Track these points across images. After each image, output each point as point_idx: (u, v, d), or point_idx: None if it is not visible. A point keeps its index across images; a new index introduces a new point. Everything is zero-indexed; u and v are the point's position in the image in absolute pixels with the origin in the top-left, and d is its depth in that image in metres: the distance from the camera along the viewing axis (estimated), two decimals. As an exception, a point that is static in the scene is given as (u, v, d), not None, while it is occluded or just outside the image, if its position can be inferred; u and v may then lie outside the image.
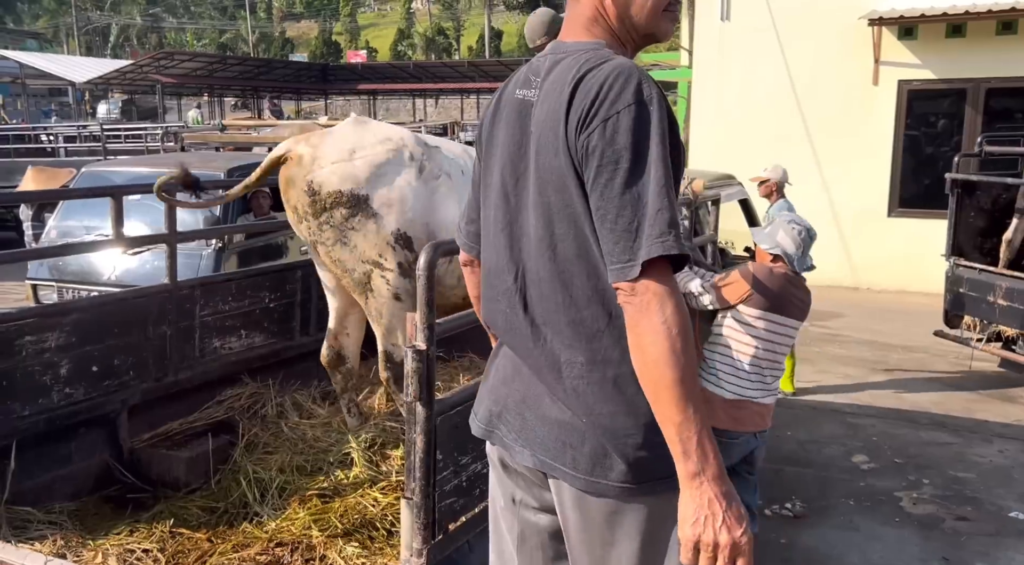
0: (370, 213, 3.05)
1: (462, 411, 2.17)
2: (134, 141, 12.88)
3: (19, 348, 2.87)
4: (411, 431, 2.02)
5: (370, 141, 3.14)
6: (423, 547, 2.05)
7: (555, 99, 1.48)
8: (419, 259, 1.99)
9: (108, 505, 3.14)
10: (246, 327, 3.80)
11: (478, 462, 2.26)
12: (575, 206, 1.45)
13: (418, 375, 1.97)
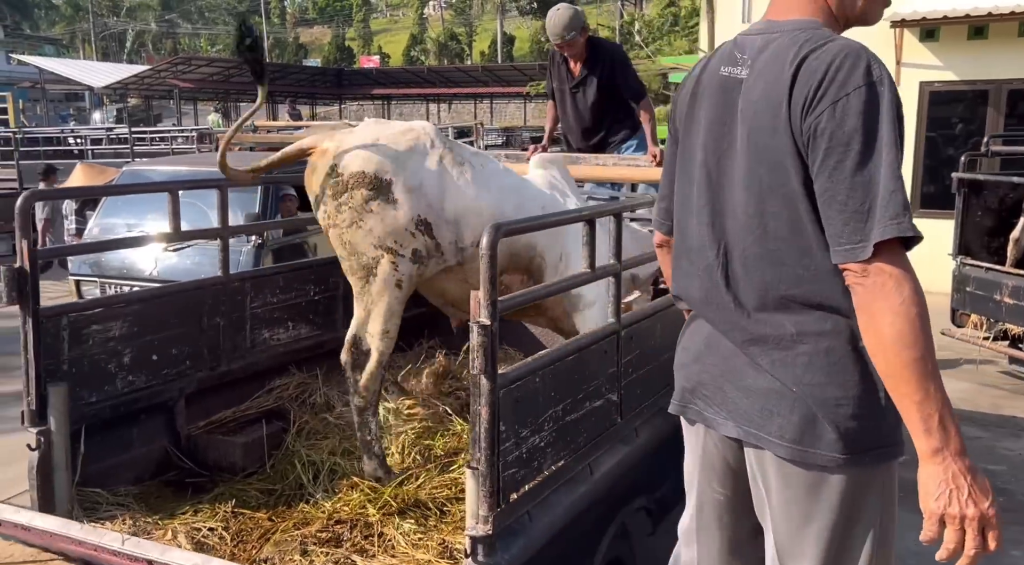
0: (391, 199, 3.03)
1: (522, 385, 2.28)
2: (161, 143, 13.09)
3: (87, 337, 3.00)
4: (476, 403, 2.11)
5: (393, 131, 3.18)
6: (489, 514, 2.14)
7: (773, 79, 1.51)
8: (482, 239, 2.06)
9: (168, 489, 3.26)
10: (293, 319, 3.91)
11: (536, 435, 2.36)
12: (791, 185, 1.50)
13: (483, 349, 2.06)
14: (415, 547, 2.75)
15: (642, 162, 4.41)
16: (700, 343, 1.72)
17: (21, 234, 2.72)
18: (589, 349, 2.62)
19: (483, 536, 2.14)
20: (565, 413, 2.50)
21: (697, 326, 1.75)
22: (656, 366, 3.11)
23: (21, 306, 2.74)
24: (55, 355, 2.88)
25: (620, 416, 2.85)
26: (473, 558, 2.15)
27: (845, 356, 1.50)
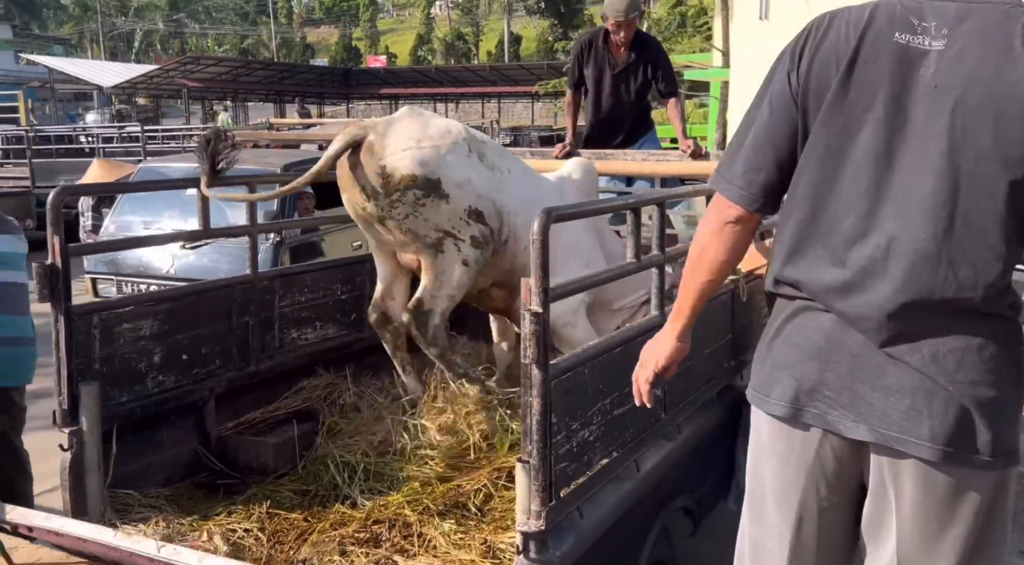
0: (442, 194, 3.22)
1: (572, 376, 2.22)
2: (171, 142, 13.06)
3: (118, 335, 2.95)
4: (527, 394, 2.06)
5: (432, 132, 3.32)
6: (541, 509, 2.08)
7: (993, 54, 1.39)
8: (534, 225, 2.02)
9: (199, 490, 3.21)
10: (320, 318, 3.86)
11: (586, 428, 2.30)
12: (1001, 180, 1.38)
13: (536, 337, 2.00)
14: (457, 547, 2.69)
15: (672, 156, 4.34)
16: (818, 339, 1.59)
17: (53, 230, 2.67)
18: (635, 341, 2.55)
19: (535, 532, 2.09)
20: (613, 407, 2.44)
21: (808, 319, 1.61)
22: (697, 361, 3.05)
23: (53, 304, 2.69)
24: (86, 354, 2.83)
25: (664, 411, 2.78)
26: (525, 555, 2.10)
27: (998, 356, 1.44)
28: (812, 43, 1.60)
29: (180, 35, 71.32)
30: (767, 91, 1.69)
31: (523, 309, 2.05)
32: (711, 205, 1.77)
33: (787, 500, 1.69)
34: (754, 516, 1.80)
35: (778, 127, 1.65)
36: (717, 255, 1.74)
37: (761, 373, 1.73)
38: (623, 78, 4.87)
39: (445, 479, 3.15)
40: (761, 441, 1.76)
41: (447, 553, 2.66)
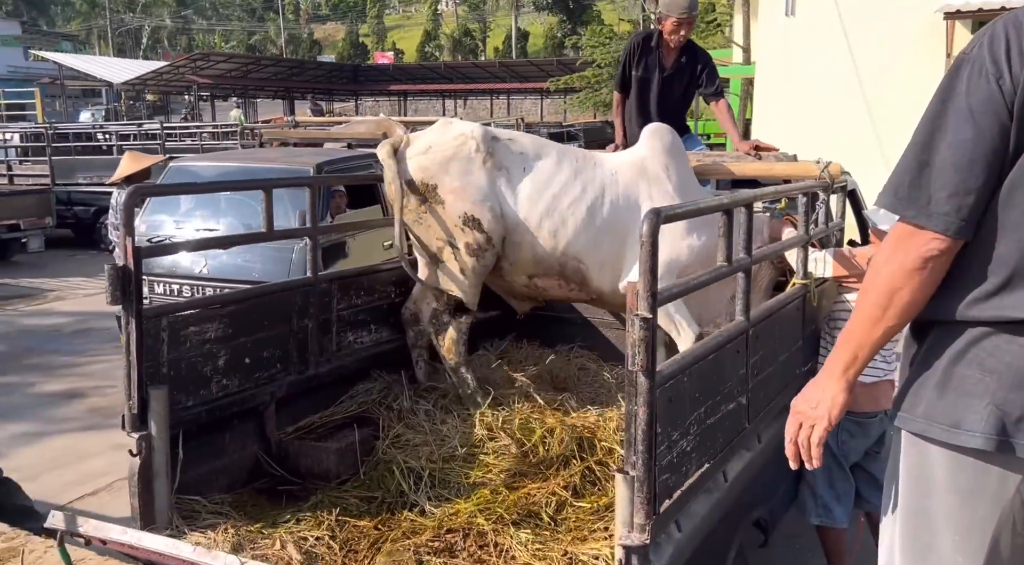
0: (438, 200, 3.43)
1: (674, 384, 2.14)
2: (188, 140, 13.01)
3: (184, 338, 2.88)
4: (632, 402, 1.99)
5: (446, 138, 3.52)
6: (646, 522, 2.01)
7: None
8: (643, 227, 1.95)
9: (262, 497, 3.14)
10: (375, 322, 3.80)
11: (684, 439, 2.23)
12: None
13: (645, 344, 1.93)
14: (537, 558, 2.62)
15: (727, 157, 4.26)
16: (1023, 366, 1.47)
17: (125, 231, 2.60)
18: (724, 348, 2.49)
19: (639, 546, 2.02)
20: (707, 415, 2.38)
21: (1006, 343, 1.48)
22: (774, 369, 2.98)
23: (124, 306, 2.62)
24: (155, 357, 2.76)
25: (748, 420, 2.71)
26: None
27: None
28: (1020, 46, 1.44)
29: (187, 31, 71.30)
30: (959, 101, 1.50)
31: (630, 314, 1.97)
32: (899, 239, 1.55)
33: (974, 539, 1.57)
34: (917, 556, 1.65)
35: (987, 141, 1.47)
36: (915, 297, 1.55)
37: (940, 403, 1.57)
38: (672, 81, 4.81)
39: (512, 487, 3.08)
40: (930, 475, 1.61)
41: (528, 564, 2.60)
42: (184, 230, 6.33)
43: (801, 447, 1.73)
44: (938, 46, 9.19)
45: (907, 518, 1.67)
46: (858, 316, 1.64)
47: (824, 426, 1.69)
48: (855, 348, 1.65)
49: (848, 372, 1.66)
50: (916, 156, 1.55)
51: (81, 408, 5.90)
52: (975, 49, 1.52)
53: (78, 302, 9.19)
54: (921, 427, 1.60)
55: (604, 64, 26.38)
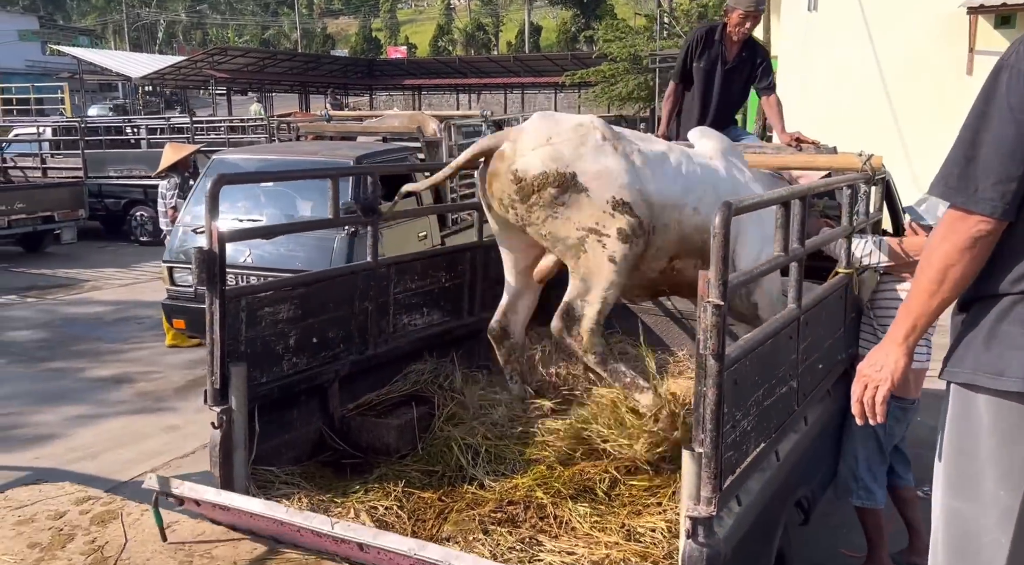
0: (580, 188, 3.16)
1: (739, 368, 2.28)
2: (211, 133, 13.19)
3: (260, 319, 3.04)
4: (701, 384, 2.12)
5: (564, 128, 3.29)
6: (712, 496, 2.15)
7: None
8: (715, 218, 2.07)
9: (327, 469, 3.31)
10: (427, 305, 3.96)
11: (745, 419, 2.37)
12: None
13: (716, 329, 2.06)
14: (596, 529, 2.77)
15: (769, 149, 4.39)
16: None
17: (211, 217, 2.76)
18: (780, 334, 2.62)
19: (705, 517, 2.16)
20: (764, 397, 2.51)
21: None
22: (820, 355, 3.12)
23: (209, 288, 2.78)
24: (235, 336, 2.92)
25: (797, 403, 2.85)
26: (694, 539, 2.16)
27: None
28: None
29: (202, 26, 71.62)
30: (1000, 102, 1.72)
31: (702, 301, 2.10)
32: (951, 223, 1.79)
33: (1013, 475, 1.78)
34: (963, 493, 1.87)
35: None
36: (966, 271, 1.78)
37: (985, 355, 1.80)
38: (734, 74, 4.95)
39: (566, 464, 3.23)
40: (977, 420, 1.83)
41: (589, 535, 2.75)
42: (227, 222, 6.50)
43: (866, 405, 1.96)
44: (960, 40, 9.27)
45: (954, 459, 1.89)
46: (916, 290, 1.87)
47: (888, 386, 1.92)
48: (915, 318, 1.88)
49: (909, 339, 1.91)
50: (964, 151, 1.79)
51: (130, 392, 6.09)
52: (1012, 56, 1.74)
53: (114, 291, 9.40)
54: (968, 377, 1.83)
55: (620, 58, 26.49)
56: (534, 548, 2.67)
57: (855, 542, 3.83)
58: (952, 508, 1.90)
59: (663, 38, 25.21)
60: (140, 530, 2.74)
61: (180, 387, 6.32)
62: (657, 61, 23.32)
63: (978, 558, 1.85)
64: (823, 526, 3.95)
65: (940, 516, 1.94)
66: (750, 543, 2.47)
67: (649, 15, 31.58)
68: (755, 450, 2.48)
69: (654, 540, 2.70)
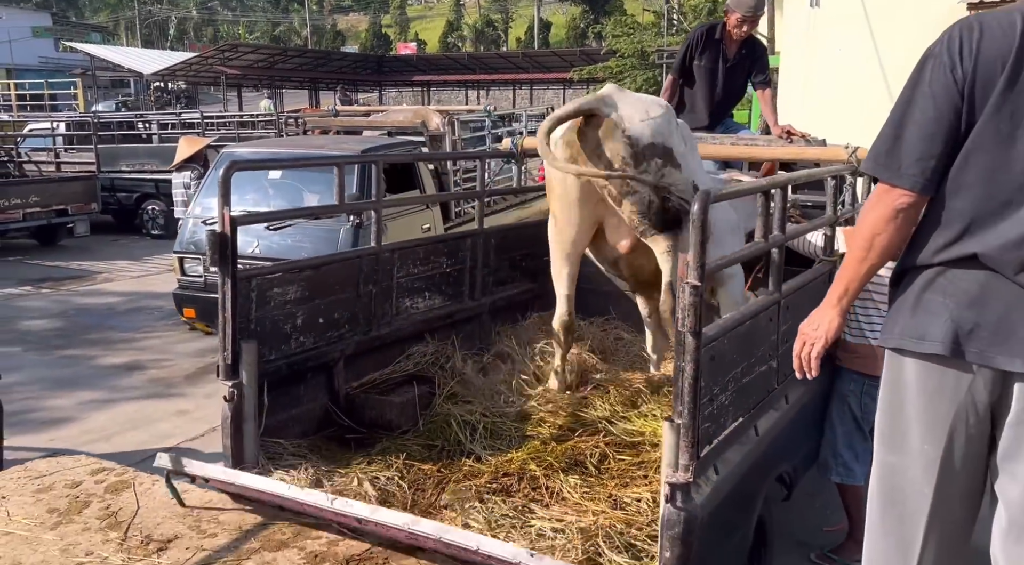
0: (675, 163, 3.34)
1: (716, 345, 2.43)
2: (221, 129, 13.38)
3: (269, 299, 3.21)
4: (680, 359, 2.27)
5: (652, 106, 3.41)
6: (689, 463, 2.29)
7: None
8: (693, 206, 2.22)
9: (332, 443, 3.48)
10: (429, 289, 4.12)
11: (723, 393, 2.52)
12: None
13: (694, 308, 2.20)
14: (585, 499, 2.92)
15: (761, 141, 4.53)
16: (975, 290, 1.87)
17: (223, 201, 2.92)
18: (759, 316, 2.77)
19: (683, 483, 2.30)
20: (742, 375, 2.66)
21: (961, 275, 1.88)
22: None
23: (221, 268, 2.95)
24: (245, 314, 3.09)
25: (777, 382, 2.99)
26: (672, 503, 2.31)
27: None
28: (969, 45, 1.84)
29: (213, 23, 71.96)
30: (923, 88, 1.90)
31: (681, 282, 2.24)
32: (878, 195, 1.98)
33: (936, 430, 1.95)
34: (893, 448, 2.05)
35: (945, 118, 1.87)
36: (891, 240, 1.97)
37: (910, 321, 1.97)
38: (734, 71, 5.10)
39: (559, 439, 3.39)
40: (904, 381, 2.01)
41: (578, 504, 2.90)
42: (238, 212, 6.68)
43: (803, 360, 2.18)
44: (962, 37, 9.35)
45: (887, 417, 2.09)
46: (848, 257, 2.09)
47: (822, 343, 2.14)
48: (847, 282, 2.09)
49: (842, 301, 2.12)
50: (891, 131, 1.97)
51: (142, 379, 6.28)
52: (937, 47, 1.92)
53: (126, 283, 9.61)
54: (896, 342, 2.02)
55: (628, 54, 26.59)
56: (526, 515, 2.83)
57: (837, 521, 3.98)
58: (885, 461, 2.09)
59: (671, 34, 25.30)
60: (152, 498, 2.90)
61: (190, 374, 6.51)
62: (664, 57, 23.41)
63: (905, 506, 2.03)
64: (808, 506, 4.10)
65: (875, 469, 2.13)
66: (728, 511, 2.62)
67: (657, 11, 31.67)
68: (732, 423, 2.62)
69: (639, 509, 2.86)
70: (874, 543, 2.13)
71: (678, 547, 2.27)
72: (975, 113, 1.85)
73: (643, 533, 2.71)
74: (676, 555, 2.27)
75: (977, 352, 1.87)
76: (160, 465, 2.85)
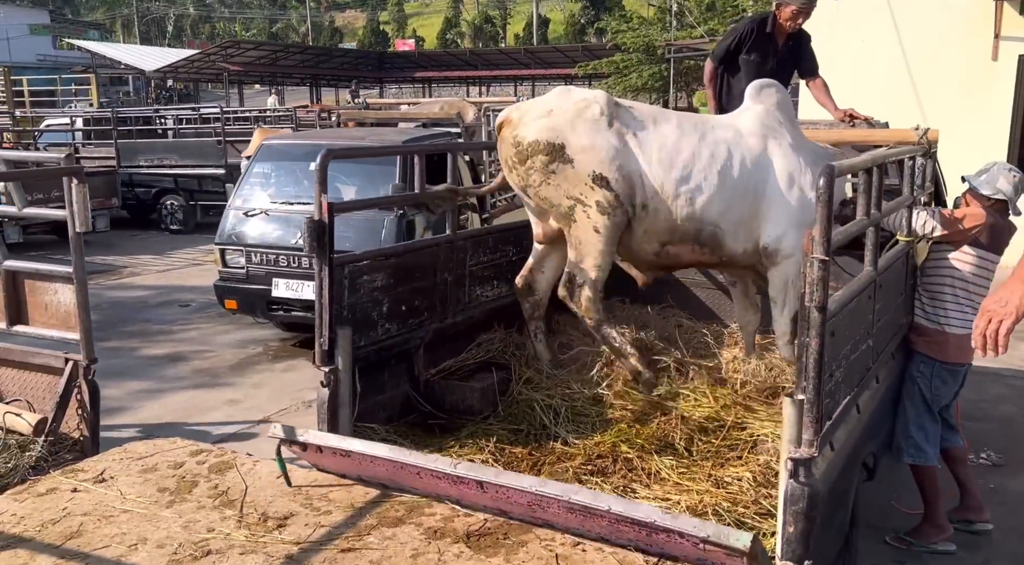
0: (567, 159, 3.44)
1: (836, 321, 2.44)
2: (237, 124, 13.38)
3: (360, 286, 3.22)
4: (805, 334, 2.28)
5: (567, 102, 3.56)
6: (814, 439, 2.31)
7: None
8: (820, 180, 2.20)
9: (416, 428, 3.49)
10: (497, 278, 4.13)
11: (839, 370, 2.53)
12: None
13: (822, 282, 2.21)
14: (685, 478, 2.94)
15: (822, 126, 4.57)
16: None
17: (320, 189, 2.93)
18: (862, 294, 2.79)
19: (806, 458, 2.31)
20: (851, 352, 2.68)
21: None
22: (888, 317, 3.28)
23: (319, 255, 2.96)
24: (340, 301, 3.10)
25: (872, 361, 3.02)
26: (795, 478, 2.32)
27: None
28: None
29: (210, 20, 71.79)
30: None
31: (808, 257, 2.25)
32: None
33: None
34: None
35: None
36: None
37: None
38: (785, 64, 5.10)
39: (642, 422, 3.41)
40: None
41: (678, 484, 2.92)
42: (276, 204, 6.70)
43: (989, 337, 2.13)
44: (986, 27, 9.38)
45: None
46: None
47: (1012, 319, 2.10)
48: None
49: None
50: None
51: (187, 369, 6.29)
52: None
53: (153, 277, 9.61)
54: None
55: (633, 49, 26.58)
56: (629, 495, 2.85)
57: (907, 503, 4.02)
58: None
59: (677, 29, 25.28)
60: (257, 478, 2.91)
61: (234, 364, 6.53)
62: (672, 51, 23.39)
63: None
64: (876, 490, 4.14)
65: None
66: (839, 488, 2.64)
67: (661, 5, 31.63)
68: (843, 401, 2.64)
69: (741, 488, 2.88)
70: None
71: (802, 521, 2.28)
72: None
73: (750, 511, 2.73)
74: (800, 530, 2.28)
75: None
76: (274, 434, 2.84)
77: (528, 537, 2.47)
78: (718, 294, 4.73)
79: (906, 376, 3.76)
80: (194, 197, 12.33)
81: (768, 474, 2.96)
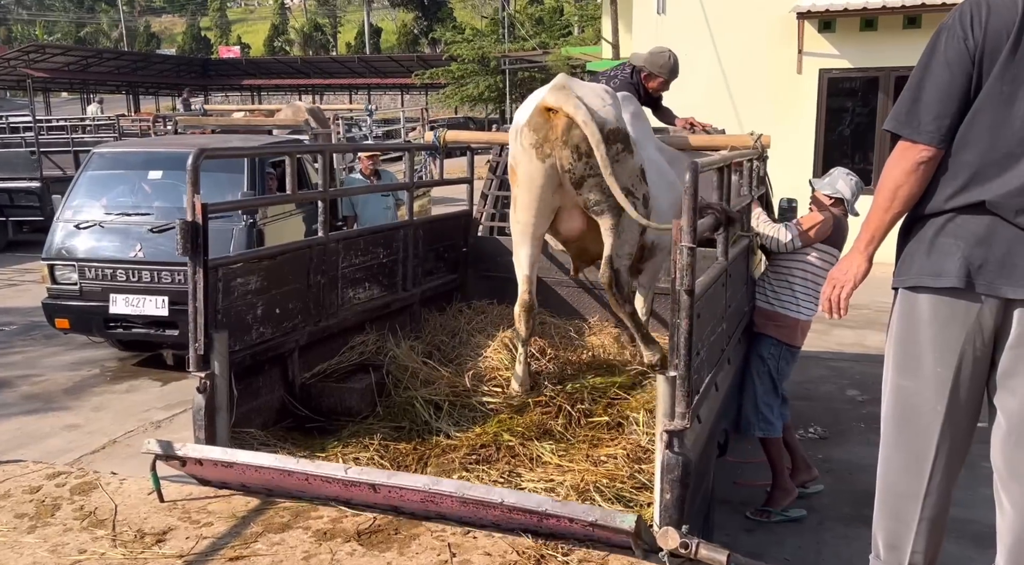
0: (630, 149, 3.49)
1: (702, 303, 2.66)
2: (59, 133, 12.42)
3: (233, 289, 3.14)
4: (676, 316, 2.47)
5: (605, 94, 3.54)
6: (685, 411, 2.51)
7: None
8: (688, 176, 2.39)
9: (294, 432, 3.44)
10: (368, 280, 4.14)
11: (703, 350, 2.77)
12: None
13: (690, 268, 2.42)
14: (565, 460, 3.10)
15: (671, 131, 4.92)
16: (983, 232, 2.18)
17: (193, 190, 2.86)
18: (718, 280, 3.06)
19: (679, 430, 2.51)
20: (711, 334, 2.94)
21: (969, 220, 2.20)
22: (735, 304, 3.60)
23: (192, 257, 2.87)
24: (213, 305, 3.02)
25: (726, 344, 3.31)
26: (670, 449, 2.51)
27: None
28: (979, 19, 2.17)
29: (5, 22, 65.88)
30: (939, 56, 2.21)
31: (676, 246, 2.43)
32: (901, 151, 2.27)
33: (947, 355, 2.27)
34: (907, 373, 2.35)
35: (958, 82, 2.19)
36: (912, 191, 2.27)
37: (926, 262, 2.27)
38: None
39: (521, 412, 3.55)
40: (918, 315, 2.30)
41: (559, 466, 3.07)
42: (112, 215, 6.32)
43: (832, 302, 2.44)
44: (790, 42, 10.36)
45: (901, 346, 2.38)
46: (873, 207, 2.35)
47: (852, 285, 2.40)
48: (873, 230, 2.37)
49: (868, 248, 2.39)
50: (911, 94, 2.29)
51: (16, 395, 5.81)
52: (950, 20, 2.25)
53: (-35, 299, 8.75)
54: (914, 281, 2.32)
55: (470, 59, 27.02)
56: (515, 480, 2.97)
57: (748, 477, 4.41)
58: (900, 385, 2.39)
59: (510, 41, 25.95)
60: (126, 496, 2.78)
61: (68, 388, 6.10)
62: (507, 62, 24.00)
63: (919, 423, 2.34)
64: (719, 468, 4.51)
65: (889, 392, 2.43)
66: (704, 459, 2.88)
67: (493, 18, 32.32)
68: (707, 378, 2.89)
69: (616, 465, 3.07)
70: (889, 458, 2.44)
71: (677, 488, 2.47)
72: (983, 78, 2.15)
73: (627, 485, 2.91)
74: (676, 496, 2.47)
75: (986, 284, 2.18)
76: (149, 450, 2.73)
77: (419, 530, 2.53)
78: (578, 291, 4.96)
79: (753, 357, 4.14)
80: (5, 212, 11.33)
81: (638, 451, 3.17)
